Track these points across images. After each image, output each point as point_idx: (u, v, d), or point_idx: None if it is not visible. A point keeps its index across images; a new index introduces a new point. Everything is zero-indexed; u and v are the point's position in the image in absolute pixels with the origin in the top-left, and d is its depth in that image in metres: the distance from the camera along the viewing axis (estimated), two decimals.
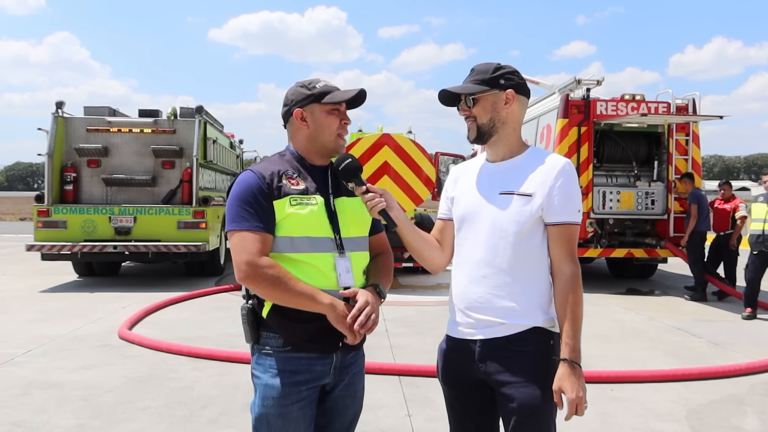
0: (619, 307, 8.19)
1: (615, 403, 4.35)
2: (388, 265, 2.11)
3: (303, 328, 1.87)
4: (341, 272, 1.91)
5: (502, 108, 1.95)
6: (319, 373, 1.91)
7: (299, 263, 1.88)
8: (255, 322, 1.92)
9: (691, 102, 9.73)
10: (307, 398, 1.90)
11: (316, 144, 2.00)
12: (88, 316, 7.10)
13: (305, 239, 1.89)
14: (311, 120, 1.98)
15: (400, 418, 4.06)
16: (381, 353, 5.54)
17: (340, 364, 1.95)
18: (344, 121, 2.01)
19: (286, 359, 1.88)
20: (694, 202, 8.89)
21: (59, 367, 5.09)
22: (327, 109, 1.97)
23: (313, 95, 1.97)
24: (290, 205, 1.89)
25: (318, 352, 1.90)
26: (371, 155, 9.40)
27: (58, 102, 9.69)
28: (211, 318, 7.16)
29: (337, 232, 1.94)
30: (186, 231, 9.43)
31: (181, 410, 4.14)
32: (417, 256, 2.11)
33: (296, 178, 1.95)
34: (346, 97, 1.97)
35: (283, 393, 1.86)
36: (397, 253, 9.66)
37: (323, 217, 1.92)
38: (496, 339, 1.90)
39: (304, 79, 2.05)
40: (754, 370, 5.12)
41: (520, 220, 1.89)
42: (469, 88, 1.95)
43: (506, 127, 1.96)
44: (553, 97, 10.18)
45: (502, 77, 1.94)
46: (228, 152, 12.73)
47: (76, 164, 9.71)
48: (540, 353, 1.88)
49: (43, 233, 9.29)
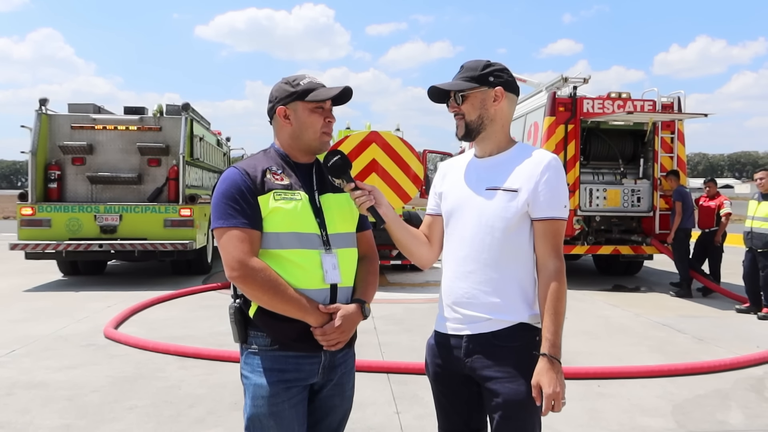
0: (606, 303, 8.26)
1: (602, 399, 4.38)
2: (374, 272, 2.10)
3: (290, 327, 1.86)
4: (328, 269, 1.90)
5: (491, 105, 1.95)
6: (307, 372, 1.90)
7: (285, 261, 1.86)
8: (243, 321, 1.90)
9: (677, 100, 9.81)
10: (297, 396, 1.89)
11: (300, 142, 1.98)
12: (74, 316, 7.03)
13: (291, 235, 1.87)
14: (294, 118, 1.96)
15: (388, 415, 4.06)
16: (369, 351, 5.54)
17: (329, 363, 1.94)
18: (328, 119, 1.97)
19: (274, 358, 1.87)
20: (678, 200, 8.97)
21: (44, 366, 5.03)
22: (310, 107, 1.95)
23: (296, 93, 1.94)
24: (274, 200, 1.87)
25: (305, 351, 1.89)
26: (359, 153, 9.38)
27: (42, 99, 9.56)
28: (198, 316, 7.11)
29: (323, 228, 1.92)
30: (173, 229, 9.35)
31: (168, 410, 4.10)
32: (406, 252, 2.11)
33: (280, 174, 1.93)
34: (329, 95, 1.94)
35: (272, 392, 1.85)
36: (385, 250, 9.66)
37: (308, 212, 1.91)
38: (482, 334, 1.91)
39: (289, 75, 2.02)
40: (738, 365, 5.18)
41: (506, 215, 1.89)
42: (458, 85, 1.95)
43: (495, 124, 1.97)
44: (540, 95, 10.22)
45: (491, 74, 1.95)
46: (215, 150, 12.65)
47: (61, 162, 9.60)
48: (525, 349, 1.89)
49: (26, 232, 9.17)
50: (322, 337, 1.86)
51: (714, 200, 9.29)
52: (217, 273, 10.72)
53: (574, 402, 4.27)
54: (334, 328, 1.86)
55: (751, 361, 5.28)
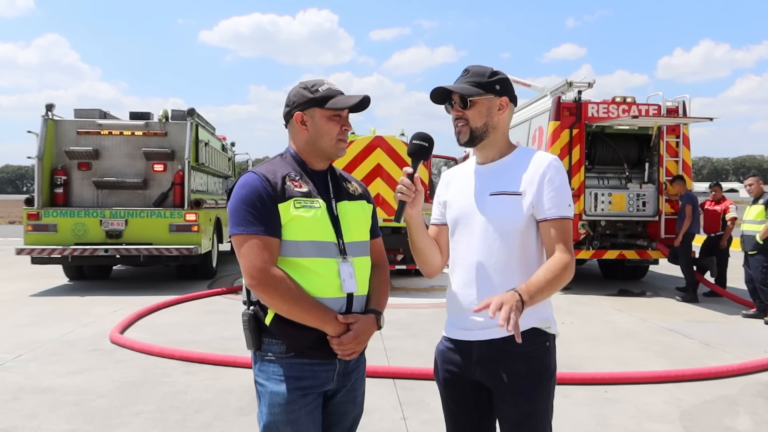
0: (612, 308, 8.23)
1: (609, 404, 4.36)
2: (386, 281, 2.10)
3: (306, 335, 1.85)
4: (345, 278, 1.89)
5: (495, 114, 1.95)
6: (323, 379, 1.90)
7: (303, 269, 1.86)
8: (257, 328, 1.89)
9: (681, 104, 9.80)
10: (314, 403, 1.89)
11: (315, 148, 1.96)
12: (79, 320, 7.04)
13: (311, 243, 1.86)
14: (311, 124, 1.94)
15: (395, 421, 4.05)
16: (375, 356, 5.52)
17: (344, 370, 1.94)
18: (345, 127, 1.96)
19: (290, 365, 1.87)
20: (688, 203, 8.92)
21: (50, 371, 5.04)
22: (328, 115, 1.93)
23: (315, 99, 1.92)
24: (295, 208, 1.86)
25: (321, 358, 1.89)
26: (364, 158, 9.39)
27: (48, 104, 9.62)
28: (203, 321, 7.12)
29: (340, 237, 1.92)
30: (178, 234, 9.37)
31: (175, 415, 4.11)
32: (419, 259, 2.09)
33: (299, 181, 1.92)
34: (349, 103, 1.92)
35: (289, 399, 1.84)
36: (390, 255, 9.65)
37: (326, 221, 1.90)
38: (492, 340, 1.90)
39: (308, 80, 2.00)
40: (745, 370, 5.15)
41: (512, 219, 1.89)
42: (468, 90, 1.93)
43: (497, 131, 1.97)
44: (544, 100, 10.21)
45: (497, 83, 1.94)
46: (220, 155, 12.69)
47: (67, 167, 9.64)
48: (536, 354, 1.88)
49: (33, 237, 9.20)
50: (339, 347, 1.86)
51: (719, 204, 9.27)
52: (223, 277, 10.73)
53: (581, 407, 4.26)
54: (351, 339, 1.86)
55: (759, 366, 5.24)
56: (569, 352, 5.67)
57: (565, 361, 5.24)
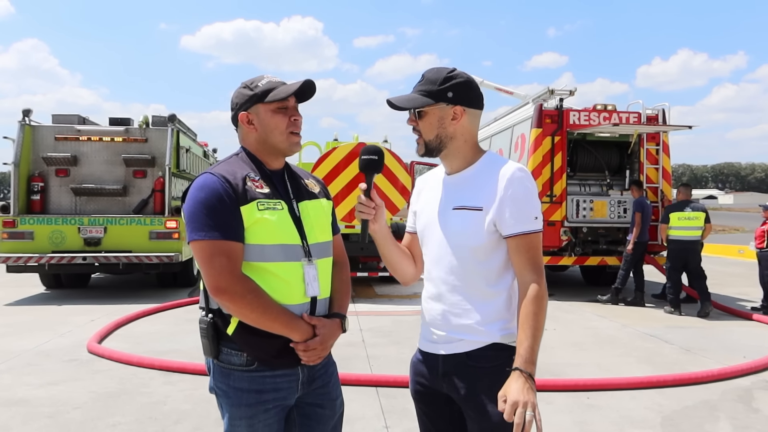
0: (593, 314, 8.27)
1: (591, 411, 4.36)
2: (347, 281, 2.06)
3: (270, 343, 1.79)
4: (309, 281, 1.84)
5: (449, 124, 1.82)
6: (286, 391, 1.84)
7: (268, 274, 1.79)
8: (216, 336, 1.82)
9: (661, 112, 9.93)
10: (275, 417, 1.83)
11: (267, 146, 1.88)
12: (56, 330, 6.90)
13: (277, 247, 1.80)
14: (258, 122, 1.86)
15: (377, 429, 4.01)
16: (357, 364, 5.49)
17: (308, 377, 1.89)
18: (294, 118, 1.86)
19: (251, 378, 1.80)
20: (638, 210, 8.88)
21: (25, 383, 4.92)
22: (273, 108, 1.84)
23: (256, 95, 1.84)
24: (258, 210, 1.77)
25: (284, 367, 1.83)
26: (347, 164, 9.36)
27: (25, 110, 9.46)
28: (183, 330, 7.02)
29: (304, 239, 1.86)
30: (158, 241, 9.26)
31: (153, 426, 4.02)
32: (390, 268, 2.07)
33: (259, 181, 1.84)
34: (289, 91, 1.82)
35: (250, 413, 1.79)
36: (373, 262, 9.63)
37: (290, 222, 1.84)
38: (456, 354, 1.85)
39: (248, 79, 1.91)
40: (725, 375, 5.19)
41: (474, 236, 1.81)
42: (413, 101, 1.82)
43: (456, 141, 1.84)
44: (526, 107, 10.29)
45: (450, 89, 1.80)
46: (201, 161, 12.57)
47: (44, 173, 9.48)
48: (499, 369, 1.78)
49: (8, 245, 9.02)
50: (305, 352, 1.81)
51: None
52: None
53: (563, 414, 4.26)
54: (318, 344, 1.82)
55: (739, 371, 5.29)
56: (551, 358, 5.67)
57: (547, 367, 5.25)
